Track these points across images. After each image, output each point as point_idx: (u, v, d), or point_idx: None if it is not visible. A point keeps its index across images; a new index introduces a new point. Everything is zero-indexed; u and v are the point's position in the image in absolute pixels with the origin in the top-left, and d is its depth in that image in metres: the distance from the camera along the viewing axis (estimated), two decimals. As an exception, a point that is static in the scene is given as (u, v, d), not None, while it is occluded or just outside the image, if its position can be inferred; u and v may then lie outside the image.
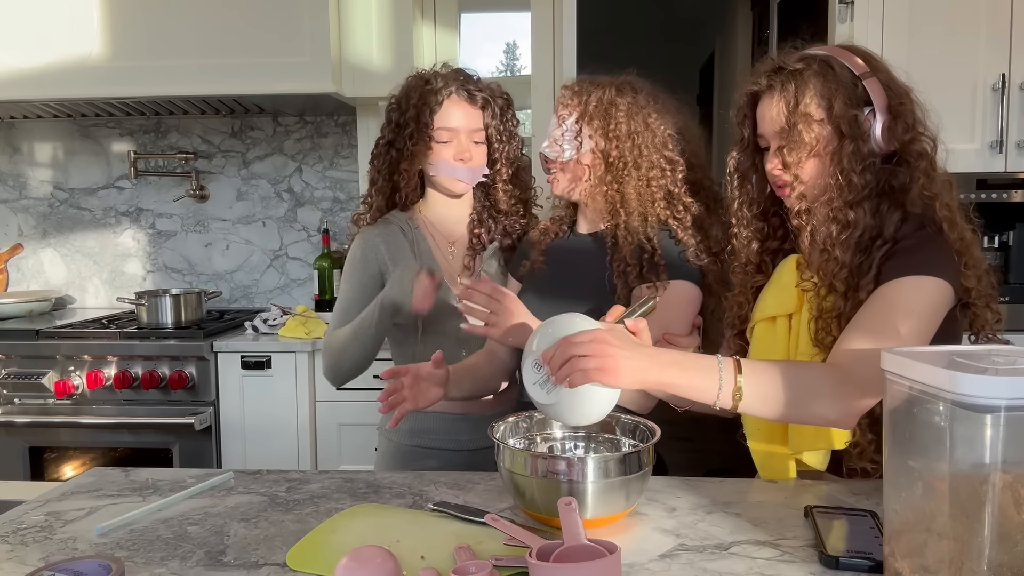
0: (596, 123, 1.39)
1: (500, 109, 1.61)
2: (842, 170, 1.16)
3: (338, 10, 2.43)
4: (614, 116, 1.38)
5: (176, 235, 3.00)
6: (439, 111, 1.56)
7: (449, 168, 1.57)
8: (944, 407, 0.73)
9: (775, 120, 1.20)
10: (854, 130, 1.16)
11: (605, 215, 1.41)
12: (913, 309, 1.09)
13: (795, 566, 0.89)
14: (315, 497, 1.13)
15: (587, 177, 1.41)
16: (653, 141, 1.39)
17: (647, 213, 1.38)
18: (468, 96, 1.58)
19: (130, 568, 0.91)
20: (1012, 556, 0.72)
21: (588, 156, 1.40)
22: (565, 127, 1.40)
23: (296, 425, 2.36)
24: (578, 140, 1.39)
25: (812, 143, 1.17)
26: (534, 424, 1.18)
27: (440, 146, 1.57)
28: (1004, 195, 2.31)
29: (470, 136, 1.58)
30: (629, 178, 1.37)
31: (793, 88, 1.18)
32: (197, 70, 2.41)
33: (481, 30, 2.74)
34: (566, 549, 0.81)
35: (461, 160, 1.57)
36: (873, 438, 1.15)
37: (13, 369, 2.36)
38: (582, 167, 1.41)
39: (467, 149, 1.57)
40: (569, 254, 1.49)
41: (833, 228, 1.17)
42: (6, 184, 3.04)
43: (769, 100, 1.21)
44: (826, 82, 1.17)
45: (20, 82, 2.46)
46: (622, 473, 0.98)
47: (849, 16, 2.25)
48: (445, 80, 1.58)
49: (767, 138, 1.24)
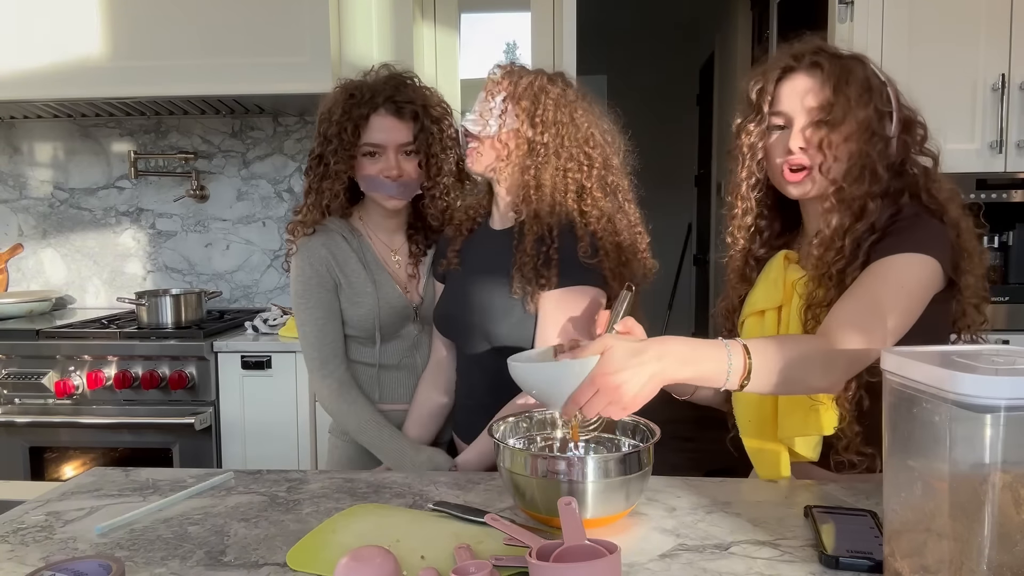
0: (524, 104, 1.37)
1: (434, 119, 1.56)
2: (871, 161, 1.16)
3: (338, 10, 2.43)
4: (542, 102, 1.37)
5: (176, 235, 3.00)
6: (364, 126, 1.51)
7: (377, 184, 1.53)
8: (944, 407, 0.73)
9: (812, 96, 1.18)
10: (883, 127, 1.18)
11: (518, 202, 1.39)
12: (903, 285, 1.10)
13: (795, 566, 0.89)
14: (315, 497, 1.13)
15: (508, 157, 1.38)
16: (576, 135, 1.38)
17: (556, 204, 1.36)
18: (396, 109, 1.52)
19: (130, 568, 0.91)
20: (1012, 556, 0.72)
21: (511, 136, 1.37)
22: (493, 103, 1.38)
23: (296, 425, 2.36)
24: (503, 118, 1.37)
25: (852, 127, 1.16)
26: (534, 424, 1.18)
27: (367, 161, 1.52)
28: (1004, 195, 2.31)
29: (398, 150, 1.52)
30: (547, 165, 1.36)
31: (839, 69, 1.18)
32: (197, 70, 2.41)
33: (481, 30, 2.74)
34: (566, 549, 0.81)
35: (389, 177, 1.52)
36: (860, 430, 1.15)
37: (13, 369, 2.36)
38: (504, 146, 1.38)
39: (394, 166, 1.51)
40: (482, 252, 1.48)
41: (847, 218, 1.17)
42: (6, 184, 3.04)
43: (807, 77, 1.20)
44: (865, 74, 1.19)
45: (20, 82, 2.46)
46: (622, 473, 0.98)
47: (849, 16, 2.25)
48: (372, 91, 1.53)
49: (790, 116, 1.21)
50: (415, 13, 2.51)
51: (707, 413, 1.48)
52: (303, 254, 1.55)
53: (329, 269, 1.54)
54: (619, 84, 5.74)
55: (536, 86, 1.38)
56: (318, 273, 1.54)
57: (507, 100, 1.37)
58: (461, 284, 1.48)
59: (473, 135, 1.40)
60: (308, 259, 1.54)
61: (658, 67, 5.98)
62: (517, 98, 1.37)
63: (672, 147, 6.01)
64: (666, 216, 6.17)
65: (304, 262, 1.54)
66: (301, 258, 1.55)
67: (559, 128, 1.37)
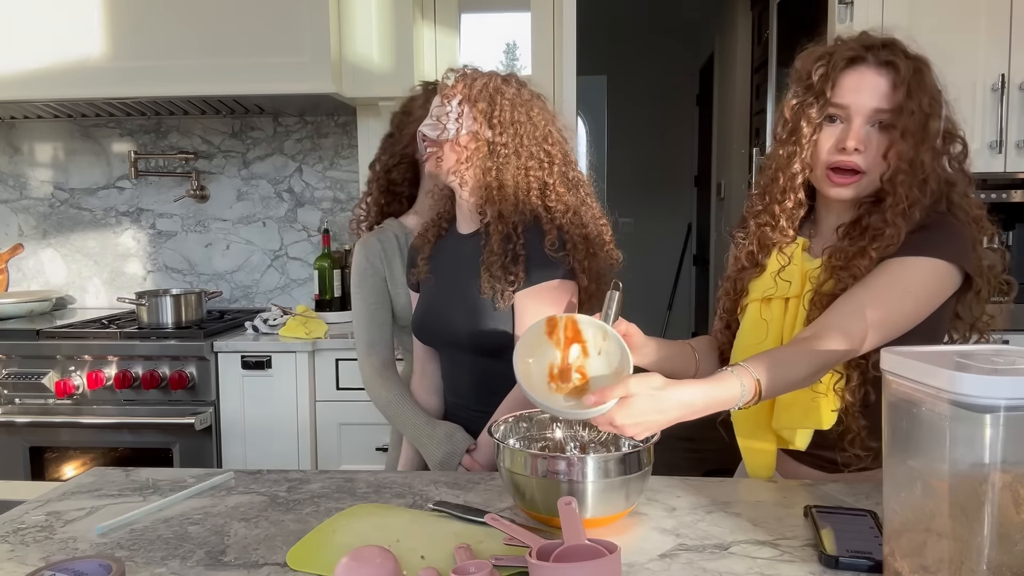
0: (481, 106, 1.38)
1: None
2: (934, 175, 1.12)
3: (338, 10, 2.43)
4: (499, 103, 1.38)
5: (176, 235, 3.01)
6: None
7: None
8: (944, 407, 0.74)
9: (879, 97, 1.11)
10: (940, 139, 1.14)
11: (482, 203, 1.40)
12: (909, 290, 1.09)
13: (795, 566, 0.89)
14: (315, 497, 1.13)
15: (468, 159, 1.39)
16: (534, 133, 1.39)
17: (520, 202, 1.38)
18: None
19: (130, 568, 0.91)
20: (1012, 556, 0.72)
21: (470, 138, 1.38)
22: (449, 107, 1.39)
23: (296, 425, 2.36)
24: (460, 121, 1.38)
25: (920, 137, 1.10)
26: (534, 424, 1.18)
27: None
28: (1004, 195, 2.31)
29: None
30: (508, 165, 1.37)
31: (914, 73, 1.10)
32: (197, 70, 2.41)
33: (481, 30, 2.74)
34: (566, 549, 0.81)
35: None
36: (866, 424, 1.15)
37: (13, 369, 2.37)
38: (463, 148, 1.38)
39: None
40: (451, 257, 1.49)
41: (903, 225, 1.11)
42: (6, 184, 3.04)
43: (876, 74, 1.11)
44: (933, 81, 1.13)
45: (20, 82, 2.46)
46: (622, 473, 0.98)
47: (849, 16, 2.25)
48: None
49: (850, 111, 1.13)
50: (415, 13, 2.50)
51: (707, 413, 1.48)
52: (361, 246, 1.68)
53: (381, 261, 1.66)
54: (619, 84, 5.74)
55: (491, 87, 1.39)
56: (372, 264, 1.65)
57: (463, 103, 1.38)
58: (433, 291, 1.50)
59: (431, 140, 1.40)
60: (364, 252, 1.67)
61: (658, 67, 5.98)
62: (473, 100, 1.38)
63: (672, 147, 6.00)
64: (666, 216, 6.18)
65: (360, 254, 1.67)
66: (359, 249, 1.68)
67: (517, 127, 1.38)
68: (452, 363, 1.51)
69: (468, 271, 1.41)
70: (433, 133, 1.39)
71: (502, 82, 1.40)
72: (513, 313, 1.38)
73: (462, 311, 1.42)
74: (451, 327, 1.44)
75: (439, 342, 1.51)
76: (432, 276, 1.51)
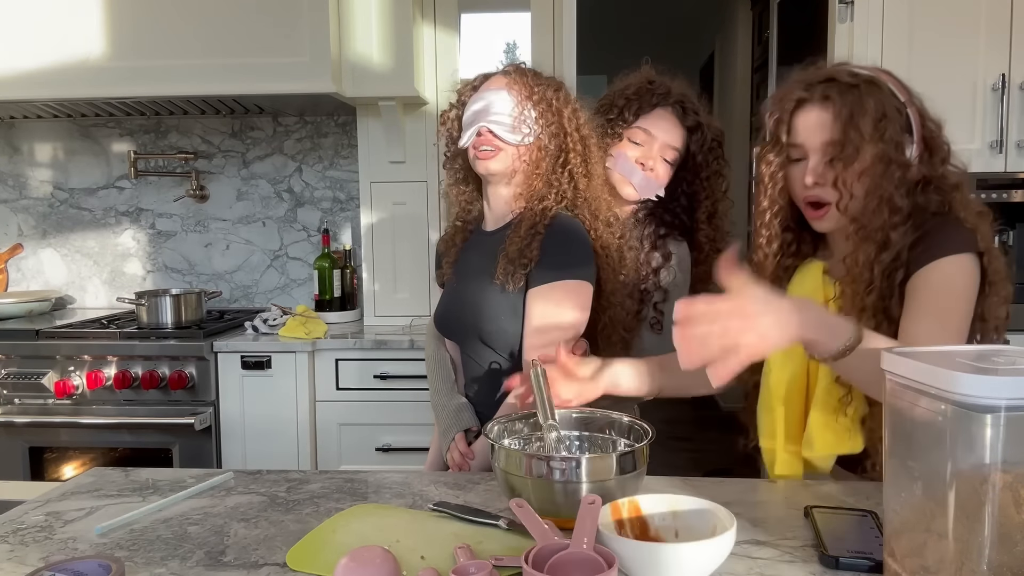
0: (566, 113, 1.41)
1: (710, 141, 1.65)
2: (888, 193, 1.14)
3: (338, 10, 2.43)
4: (577, 114, 1.43)
5: (176, 235, 3.01)
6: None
7: (628, 167, 1.60)
8: (944, 407, 0.73)
9: (824, 131, 1.17)
10: (900, 155, 1.15)
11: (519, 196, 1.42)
12: (952, 291, 1.11)
13: (795, 566, 0.89)
14: (315, 497, 1.13)
15: (533, 165, 1.40)
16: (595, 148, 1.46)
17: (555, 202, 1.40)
18: (681, 112, 1.62)
19: (130, 568, 0.91)
20: (1012, 556, 0.72)
21: (536, 145, 1.40)
22: (526, 111, 1.39)
23: (296, 425, 2.36)
24: (537, 125, 1.40)
25: (866, 162, 1.14)
26: (529, 424, 1.18)
27: (630, 145, 1.60)
28: (1004, 195, 2.31)
29: (662, 150, 1.61)
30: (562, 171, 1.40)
31: (851, 102, 1.15)
32: (197, 70, 2.41)
33: (481, 30, 2.74)
34: (562, 557, 0.79)
35: (641, 164, 1.60)
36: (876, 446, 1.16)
37: (13, 369, 2.36)
38: (529, 152, 1.40)
39: (653, 158, 1.60)
40: (475, 255, 1.50)
41: (871, 249, 1.15)
42: (6, 184, 3.04)
43: (820, 110, 1.17)
44: (879, 103, 1.15)
45: (20, 82, 2.46)
46: (617, 473, 0.98)
47: (849, 16, 2.25)
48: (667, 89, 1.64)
49: (805, 149, 1.20)
50: (415, 13, 2.50)
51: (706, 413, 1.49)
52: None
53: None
54: (619, 84, 5.74)
55: (562, 98, 1.41)
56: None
57: (540, 107, 1.40)
58: (454, 286, 1.52)
59: (501, 139, 1.40)
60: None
61: (658, 67, 5.98)
62: (556, 110, 1.40)
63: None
64: (666, 216, 6.17)
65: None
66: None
67: (587, 141, 1.43)
68: (468, 357, 1.52)
69: (489, 263, 1.42)
70: (514, 137, 1.39)
71: (567, 93, 1.44)
72: (524, 306, 1.39)
73: (479, 304, 1.43)
74: (469, 320, 1.45)
75: (457, 335, 1.53)
76: (455, 274, 1.53)
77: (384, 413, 2.35)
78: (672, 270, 1.63)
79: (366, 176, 2.65)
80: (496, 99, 1.41)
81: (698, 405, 5.43)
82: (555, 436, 1.14)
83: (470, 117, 1.43)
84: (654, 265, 1.63)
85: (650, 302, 1.62)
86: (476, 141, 1.41)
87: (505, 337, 1.41)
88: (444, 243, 1.59)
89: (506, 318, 1.40)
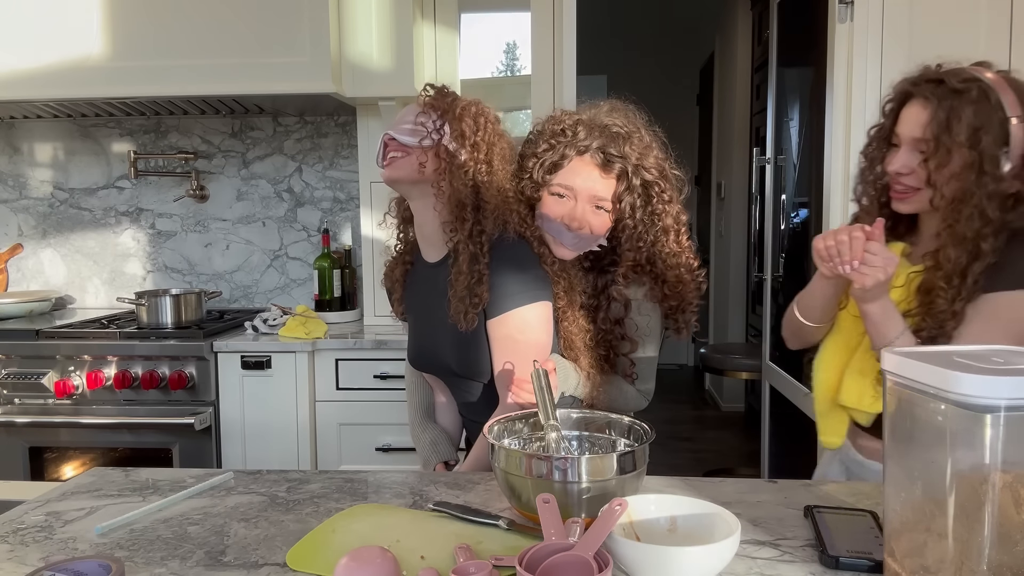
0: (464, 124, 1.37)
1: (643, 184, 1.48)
2: (979, 202, 1.18)
3: (338, 10, 2.43)
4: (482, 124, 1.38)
5: (176, 235, 3.01)
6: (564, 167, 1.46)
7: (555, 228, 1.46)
8: (944, 407, 0.73)
9: (918, 128, 1.22)
10: (994, 167, 1.17)
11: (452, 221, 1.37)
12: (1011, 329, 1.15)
13: (795, 566, 0.89)
14: (315, 497, 1.13)
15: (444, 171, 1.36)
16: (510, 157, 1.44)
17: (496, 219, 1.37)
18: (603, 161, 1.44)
19: (130, 568, 0.91)
20: (1012, 556, 0.72)
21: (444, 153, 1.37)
22: (432, 118, 1.37)
23: (296, 425, 2.36)
24: (441, 132, 1.37)
25: (956, 166, 1.18)
26: (529, 424, 1.18)
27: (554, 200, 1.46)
28: (1004, 195, 2.31)
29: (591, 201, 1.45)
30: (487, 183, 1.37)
31: (948, 107, 1.18)
32: (197, 70, 2.41)
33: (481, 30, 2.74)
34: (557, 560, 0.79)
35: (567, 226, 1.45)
36: None
37: (13, 369, 2.36)
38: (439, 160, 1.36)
39: (579, 216, 1.44)
40: (425, 292, 1.49)
41: (963, 256, 1.19)
42: (6, 184, 3.04)
43: (921, 108, 1.22)
44: (979, 113, 1.17)
45: (20, 82, 2.46)
46: (617, 473, 0.98)
47: (849, 16, 2.25)
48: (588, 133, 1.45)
49: (902, 139, 1.25)
50: (415, 13, 2.50)
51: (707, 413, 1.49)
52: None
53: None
54: (619, 84, 5.72)
55: (474, 109, 1.39)
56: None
57: (445, 117, 1.37)
58: (415, 326, 1.55)
59: (404, 145, 1.37)
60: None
61: (658, 67, 5.98)
62: (459, 117, 1.37)
63: (672, 147, 5.99)
64: (666, 216, 6.17)
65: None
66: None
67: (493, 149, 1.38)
68: (453, 387, 1.54)
69: (439, 301, 1.42)
70: (412, 139, 1.36)
71: (480, 106, 1.41)
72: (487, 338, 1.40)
73: (445, 343, 1.44)
74: (438, 358, 1.48)
75: (432, 371, 1.55)
76: (412, 313, 1.55)
77: (384, 413, 2.35)
78: (632, 320, 1.51)
79: (366, 176, 2.65)
80: (402, 112, 1.41)
81: (698, 405, 5.44)
82: (555, 436, 1.14)
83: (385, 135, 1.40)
84: (614, 317, 1.51)
85: (619, 354, 1.53)
86: (383, 152, 1.39)
87: (478, 366, 1.42)
88: (388, 279, 1.58)
89: (473, 351, 1.41)
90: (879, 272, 1.13)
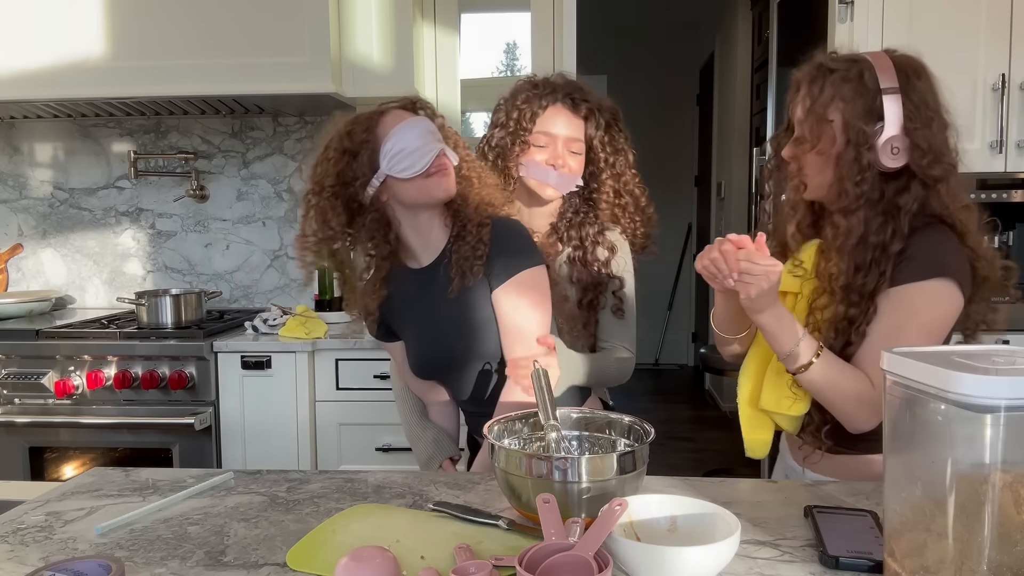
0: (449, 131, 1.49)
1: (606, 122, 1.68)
2: (840, 176, 1.19)
3: (338, 10, 2.43)
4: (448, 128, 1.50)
5: (176, 235, 3.00)
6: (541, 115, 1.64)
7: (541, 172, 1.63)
8: (944, 407, 0.73)
9: (796, 112, 1.25)
10: (859, 140, 1.17)
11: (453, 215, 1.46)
12: (926, 321, 1.15)
13: (795, 566, 0.89)
14: (315, 497, 1.13)
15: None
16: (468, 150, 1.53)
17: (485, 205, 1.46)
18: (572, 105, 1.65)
19: (130, 568, 0.91)
20: (1012, 556, 0.72)
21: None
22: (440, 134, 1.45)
23: (296, 425, 2.36)
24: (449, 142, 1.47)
25: (815, 141, 1.20)
26: (529, 424, 1.18)
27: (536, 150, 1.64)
28: (1004, 195, 2.31)
29: (567, 144, 1.64)
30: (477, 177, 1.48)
31: (818, 86, 1.21)
32: (197, 70, 2.41)
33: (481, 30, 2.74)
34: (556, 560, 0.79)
35: (553, 166, 1.63)
36: (820, 416, 1.24)
37: (13, 369, 2.36)
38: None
39: (561, 156, 1.63)
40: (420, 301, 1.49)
41: (828, 232, 1.21)
42: (6, 184, 3.04)
43: (795, 93, 1.26)
44: (848, 88, 1.18)
45: (20, 82, 2.46)
46: (617, 473, 0.98)
47: (849, 16, 2.25)
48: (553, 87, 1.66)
49: (793, 126, 1.28)
50: (415, 13, 2.51)
51: (706, 413, 1.50)
52: None
53: None
54: (619, 84, 5.74)
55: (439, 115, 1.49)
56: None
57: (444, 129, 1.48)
58: (417, 333, 1.52)
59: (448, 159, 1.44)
60: None
61: (658, 67, 5.98)
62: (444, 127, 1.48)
63: (672, 147, 6.00)
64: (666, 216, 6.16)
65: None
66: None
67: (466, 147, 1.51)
68: (460, 383, 1.52)
69: (443, 296, 1.44)
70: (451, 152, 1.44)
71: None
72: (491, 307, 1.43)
73: (453, 334, 1.46)
74: (448, 354, 1.49)
75: (444, 371, 1.54)
76: (410, 324, 1.53)
77: (384, 413, 2.35)
78: (620, 259, 1.68)
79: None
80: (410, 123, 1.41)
81: (698, 405, 5.44)
82: (555, 436, 1.14)
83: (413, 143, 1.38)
84: (602, 259, 1.67)
85: (608, 291, 1.66)
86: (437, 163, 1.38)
87: (488, 347, 1.45)
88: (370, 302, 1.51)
89: (482, 331, 1.44)
90: (761, 280, 1.10)
